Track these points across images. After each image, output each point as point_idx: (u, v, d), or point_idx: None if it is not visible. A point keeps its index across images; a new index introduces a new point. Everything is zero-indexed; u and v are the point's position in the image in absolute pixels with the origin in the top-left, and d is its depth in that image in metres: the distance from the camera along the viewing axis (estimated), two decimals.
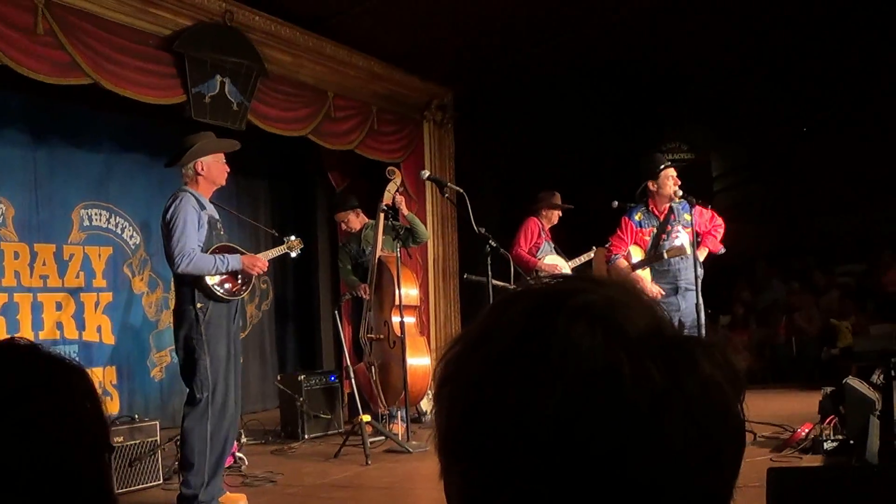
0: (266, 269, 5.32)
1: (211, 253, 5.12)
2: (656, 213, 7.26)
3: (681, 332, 0.79)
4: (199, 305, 5.01)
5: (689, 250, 7.01)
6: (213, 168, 5.27)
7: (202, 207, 5.18)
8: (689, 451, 0.73)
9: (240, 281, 5.22)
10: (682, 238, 7.11)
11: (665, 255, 7.07)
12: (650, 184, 7.21)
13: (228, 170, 5.41)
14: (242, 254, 5.28)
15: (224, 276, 5.13)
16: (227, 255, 5.15)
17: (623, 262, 7.25)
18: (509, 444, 0.73)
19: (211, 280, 5.07)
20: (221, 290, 5.13)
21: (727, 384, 0.76)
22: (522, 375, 0.73)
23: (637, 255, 7.24)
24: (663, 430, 0.72)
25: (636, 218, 7.29)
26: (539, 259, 8.56)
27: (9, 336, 1.19)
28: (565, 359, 0.73)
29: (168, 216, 5.10)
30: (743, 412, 0.78)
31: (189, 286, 5.09)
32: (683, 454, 0.73)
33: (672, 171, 7.24)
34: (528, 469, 0.72)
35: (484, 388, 0.75)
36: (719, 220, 7.34)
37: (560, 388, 0.72)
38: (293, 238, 5.99)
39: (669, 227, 7.20)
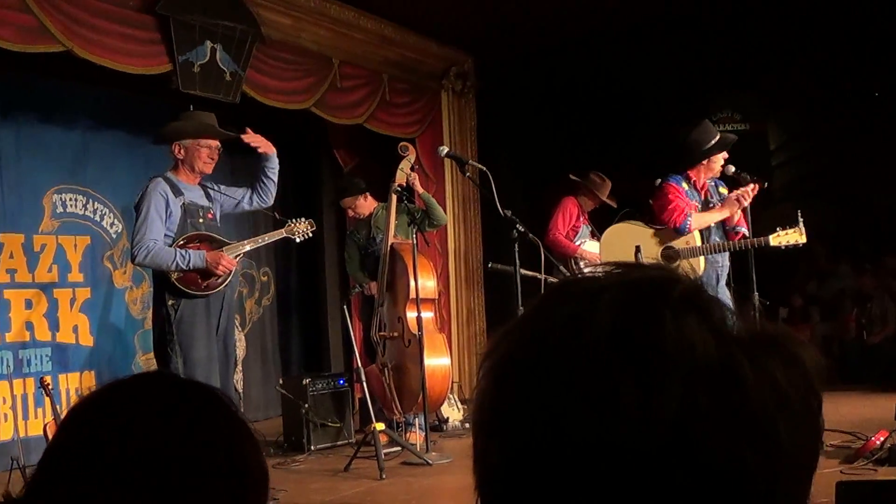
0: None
1: (182, 244, 5.13)
2: (697, 188, 7.15)
3: (766, 326, 0.80)
4: (169, 303, 5.12)
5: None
6: (191, 153, 5.33)
7: (178, 193, 5.18)
8: (796, 457, 0.75)
9: (211, 276, 5.17)
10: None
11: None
12: None
13: (215, 159, 5.42)
14: (225, 244, 5.29)
15: (188, 272, 5.13)
16: (190, 250, 5.14)
17: (695, 223, 7.00)
18: (612, 445, 0.72)
19: (174, 275, 5.08)
20: (190, 286, 5.12)
21: (810, 383, 0.78)
22: (632, 373, 0.72)
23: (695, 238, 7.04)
24: (779, 434, 0.74)
25: (683, 186, 7.11)
26: (579, 245, 8.46)
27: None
28: (681, 356, 0.73)
29: (136, 203, 5.22)
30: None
31: (159, 283, 5.18)
32: (794, 460, 0.75)
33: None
34: (628, 469, 0.72)
35: (578, 385, 0.73)
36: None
37: (679, 389, 0.72)
38: (299, 220, 5.89)
39: (711, 207, 7.11)
